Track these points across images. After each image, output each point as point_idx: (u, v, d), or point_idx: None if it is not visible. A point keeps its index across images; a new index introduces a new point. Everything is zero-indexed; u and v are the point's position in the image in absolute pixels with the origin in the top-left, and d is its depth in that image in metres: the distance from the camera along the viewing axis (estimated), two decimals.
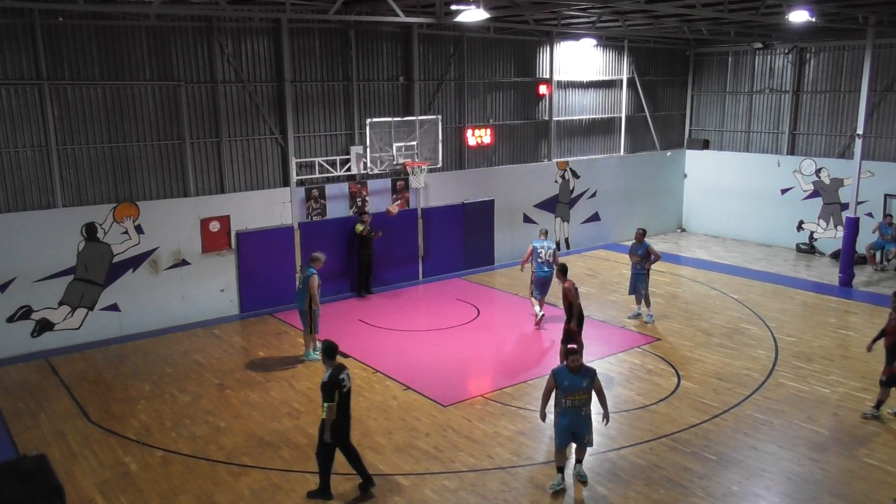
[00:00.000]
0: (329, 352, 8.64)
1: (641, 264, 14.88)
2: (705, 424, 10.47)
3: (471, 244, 19.32)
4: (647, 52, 22.73)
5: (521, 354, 13.43)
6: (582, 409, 8.54)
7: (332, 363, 8.60)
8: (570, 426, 8.59)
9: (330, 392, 8.36)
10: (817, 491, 8.77)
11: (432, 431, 10.31)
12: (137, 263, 14.56)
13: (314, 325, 13.04)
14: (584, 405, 8.54)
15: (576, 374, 8.48)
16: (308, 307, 12.85)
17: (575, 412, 8.53)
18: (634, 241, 15.08)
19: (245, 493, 8.83)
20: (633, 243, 15.10)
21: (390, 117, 16.77)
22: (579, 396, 8.48)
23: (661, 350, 13.45)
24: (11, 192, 13.36)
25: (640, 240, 14.93)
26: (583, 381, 8.49)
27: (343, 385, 8.50)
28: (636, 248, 14.97)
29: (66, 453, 9.83)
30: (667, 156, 23.80)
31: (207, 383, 12.19)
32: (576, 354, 8.57)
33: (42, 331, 13.73)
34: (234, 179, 15.69)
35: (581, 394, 8.48)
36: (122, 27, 13.95)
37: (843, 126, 20.63)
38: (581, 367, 8.55)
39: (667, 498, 8.64)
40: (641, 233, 15.07)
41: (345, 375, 8.57)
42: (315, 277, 12.81)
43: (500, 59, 19.45)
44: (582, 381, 8.48)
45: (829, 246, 20.81)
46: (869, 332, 14.34)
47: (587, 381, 8.51)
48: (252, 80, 15.58)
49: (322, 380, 8.48)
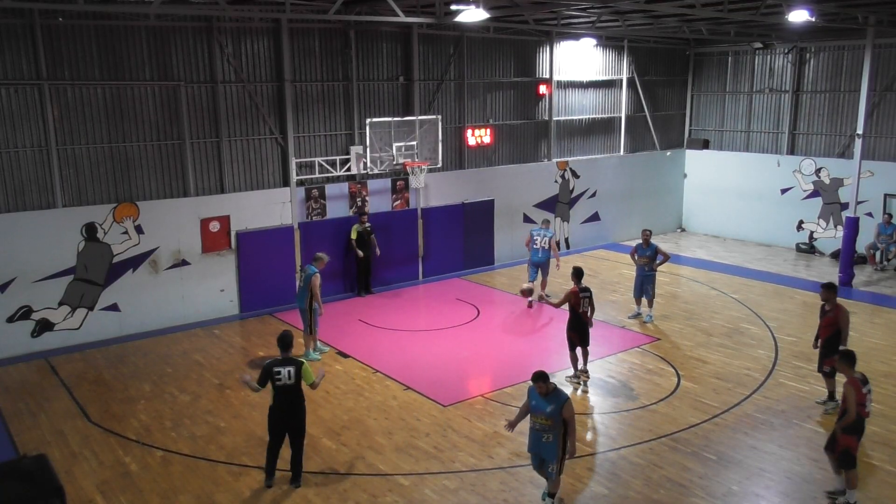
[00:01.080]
0: (280, 342, 8.84)
1: (650, 265, 14.85)
2: (705, 424, 10.47)
3: (471, 244, 19.32)
4: (647, 52, 22.74)
5: (521, 354, 13.42)
6: (543, 435, 8.00)
7: (283, 353, 8.75)
8: (534, 448, 8.21)
9: (261, 379, 8.69)
10: (817, 491, 8.77)
11: (432, 431, 10.31)
12: (137, 263, 14.56)
13: (314, 324, 13.05)
14: (545, 431, 7.97)
15: (543, 397, 7.95)
16: (309, 306, 12.85)
17: (536, 435, 8.08)
18: (641, 242, 15.02)
19: (245, 493, 8.83)
20: (639, 245, 15.04)
21: (390, 117, 16.77)
22: (541, 420, 7.97)
23: (661, 350, 13.45)
24: (11, 192, 13.36)
25: (648, 241, 14.93)
26: (547, 406, 7.90)
27: (277, 377, 8.61)
28: (643, 249, 14.90)
29: (66, 453, 9.83)
30: (667, 156, 23.81)
31: (207, 383, 12.19)
32: (540, 382, 7.94)
33: (42, 331, 13.73)
34: (234, 179, 15.69)
35: (542, 418, 7.94)
36: (122, 27, 13.95)
37: (843, 126, 20.63)
38: (550, 392, 7.95)
39: (667, 498, 8.64)
40: (648, 234, 15.07)
41: (285, 371, 8.61)
42: (317, 276, 12.82)
43: (499, 59, 19.45)
44: (546, 405, 7.91)
45: (829, 246, 20.81)
46: (869, 332, 14.38)
47: (552, 407, 7.88)
48: (252, 80, 15.58)
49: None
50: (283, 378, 8.62)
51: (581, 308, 11.76)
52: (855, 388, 8.20)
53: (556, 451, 8.02)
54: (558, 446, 7.99)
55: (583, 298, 11.77)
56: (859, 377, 8.31)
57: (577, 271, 12.11)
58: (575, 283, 11.91)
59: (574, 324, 11.85)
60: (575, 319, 11.83)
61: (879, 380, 12.01)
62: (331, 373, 12.52)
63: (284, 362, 8.68)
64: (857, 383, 8.24)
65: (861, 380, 8.29)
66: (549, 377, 8.01)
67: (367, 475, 9.19)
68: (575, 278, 12.02)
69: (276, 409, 8.78)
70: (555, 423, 7.89)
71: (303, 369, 8.64)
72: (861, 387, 8.23)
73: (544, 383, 7.90)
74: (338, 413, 10.97)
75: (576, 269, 12.15)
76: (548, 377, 8.00)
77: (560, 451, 8.04)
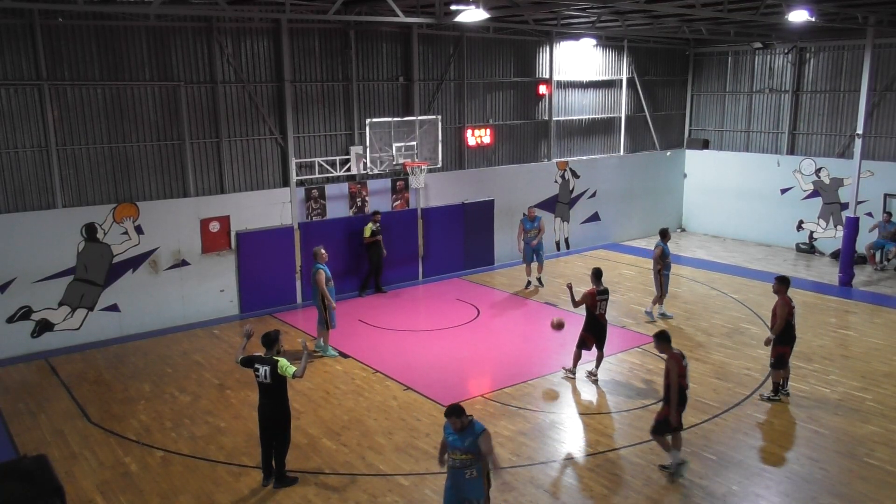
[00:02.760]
0: (263, 339, 8.89)
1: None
2: (705, 424, 10.47)
3: (471, 244, 19.32)
4: (647, 52, 22.74)
5: (521, 354, 13.42)
6: (466, 472, 7.22)
7: (268, 351, 8.80)
8: (455, 487, 7.34)
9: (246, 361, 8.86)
10: (817, 491, 8.77)
11: (432, 431, 10.30)
12: (137, 264, 14.56)
13: (329, 319, 13.03)
14: (467, 466, 7.20)
15: (458, 432, 7.20)
16: (322, 303, 12.87)
17: (457, 473, 7.28)
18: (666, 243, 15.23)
19: (245, 493, 8.83)
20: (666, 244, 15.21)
21: (390, 117, 16.77)
22: (460, 456, 7.20)
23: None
24: (11, 192, 13.36)
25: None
26: (463, 440, 7.15)
27: (256, 373, 8.74)
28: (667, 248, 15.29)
29: (66, 453, 9.83)
30: (667, 156, 23.80)
31: (207, 383, 12.19)
32: (453, 417, 7.15)
33: (42, 331, 13.73)
34: (234, 180, 15.69)
35: (460, 453, 7.18)
36: (122, 27, 13.95)
37: (843, 126, 20.63)
38: (465, 426, 7.20)
39: (667, 498, 8.64)
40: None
41: (262, 369, 8.67)
42: (321, 272, 12.80)
43: (499, 59, 19.45)
44: (462, 440, 7.15)
45: (829, 246, 20.81)
46: (869, 332, 14.39)
47: (468, 441, 7.14)
48: (252, 81, 15.58)
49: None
50: (261, 376, 8.71)
51: (598, 310, 11.77)
52: (676, 361, 8.87)
53: (481, 487, 7.31)
54: (484, 482, 7.32)
55: (600, 301, 11.77)
56: (678, 353, 9.00)
57: (597, 272, 12.12)
58: (594, 284, 11.92)
59: (590, 325, 11.85)
60: (591, 321, 11.84)
61: (879, 380, 12.03)
62: (331, 373, 12.52)
63: (264, 361, 8.73)
64: (677, 358, 8.90)
65: (679, 355, 9.00)
66: (463, 412, 7.21)
67: (367, 475, 9.19)
68: (594, 279, 12.02)
69: (260, 407, 8.91)
70: (476, 456, 7.19)
71: (279, 366, 8.65)
72: (681, 360, 8.93)
73: (458, 418, 7.15)
74: (338, 413, 10.97)
75: (595, 270, 12.17)
76: (462, 412, 7.21)
77: (486, 487, 7.37)
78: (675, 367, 8.84)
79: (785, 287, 11.06)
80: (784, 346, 11.03)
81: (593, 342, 11.92)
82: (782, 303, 10.95)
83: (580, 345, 12.02)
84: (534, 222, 17.38)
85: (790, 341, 11.08)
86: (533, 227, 17.30)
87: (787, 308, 10.89)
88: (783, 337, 10.99)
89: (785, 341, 11.02)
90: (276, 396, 8.76)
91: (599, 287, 11.84)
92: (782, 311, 10.92)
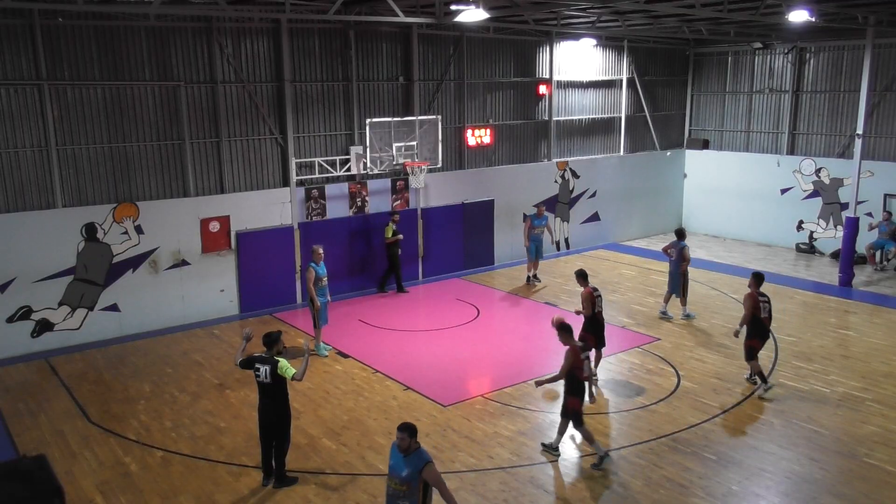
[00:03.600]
0: (264, 339, 8.91)
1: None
2: (705, 424, 10.47)
3: (471, 244, 19.32)
4: (647, 52, 22.74)
5: (521, 354, 13.42)
6: (398, 501, 6.63)
7: (269, 351, 8.83)
8: None
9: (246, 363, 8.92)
10: (817, 491, 8.77)
11: (432, 431, 10.31)
12: (137, 264, 14.56)
13: (316, 318, 13.05)
14: (399, 497, 6.59)
15: (403, 455, 6.60)
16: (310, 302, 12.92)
17: (390, 500, 6.70)
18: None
19: (245, 493, 8.83)
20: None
21: (390, 117, 16.77)
22: (395, 485, 6.59)
23: (661, 350, 13.45)
24: (11, 192, 13.36)
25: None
26: (404, 468, 6.54)
27: (256, 373, 8.76)
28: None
29: (66, 453, 9.83)
30: (667, 156, 23.80)
31: (207, 383, 12.19)
32: (405, 434, 6.59)
33: (42, 331, 13.72)
34: (234, 179, 15.69)
35: (397, 482, 6.57)
36: (121, 27, 13.95)
37: (843, 126, 20.63)
38: (410, 449, 6.59)
39: (667, 498, 8.64)
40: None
41: (262, 369, 8.68)
42: (311, 270, 12.82)
43: (499, 59, 19.45)
44: (403, 468, 6.54)
45: (829, 246, 20.81)
46: (869, 332, 14.39)
47: (408, 471, 6.52)
48: (252, 80, 15.58)
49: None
50: (261, 376, 8.72)
51: (597, 308, 11.77)
52: (574, 354, 9.36)
53: None
54: None
55: (597, 298, 11.78)
56: (580, 346, 9.53)
57: (582, 273, 12.14)
58: (585, 284, 11.93)
59: (589, 324, 11.84)
60: (590, 320, 11.82)
61: (879, 380, 12.03)
62: (331, 373, 12.52)
63: (264, 360, 8.74)
64: (576, 350, 9.42)
65: (581, 348, 9.52)
66: (416, 432, 6.62)
67: (367, 475, 9.19)
68: (582, 281, 12.02)
69: (259, 408, 8.92)
70: (411, 490, 6.53)
71: (279, 367, 8.66)
72: (580, 353, 9.42)
73: (409, 436, 6.56)
74: (338, 413, 10.97)
75: (580, 272, 12.20)
76: (415, 431, 6.62)
77: None
78: (571, 358, 9.31)
79: (757, 282, 11.56)
80: (752, 340, 11.44)
81: (594, 342, 11.91)
82: (749, 296, 11.46)
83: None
84: (542, 220, 17.76)
85: (759, 335, 11.45)
86: (541, 224, 17.67)
87: (751, 301, 11.36)
88: (751, 330, 11.43)
89: (753, 335, 11.43)
90: (276, 396, 8.76)
91: (591, 285, 11.88)
92: (748, 304, 11.44)
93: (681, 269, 14.98)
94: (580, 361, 9.37)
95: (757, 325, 11.39)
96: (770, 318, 11.52)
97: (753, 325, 11.39)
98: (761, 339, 11.49)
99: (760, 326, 11.42)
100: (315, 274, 12.84)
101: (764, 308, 11.39)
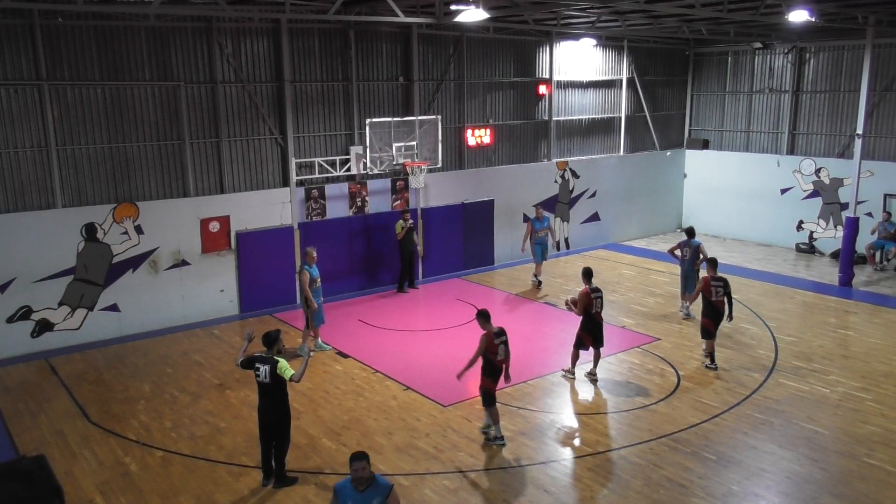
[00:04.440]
0: (264, 339, 8.95)
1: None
2: (705, 424, 10.47)
3: (471, 244, 19.32)
4: (647, 52, 22.74)
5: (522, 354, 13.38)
6: None
7: (268, 351, 8.86)
8: None
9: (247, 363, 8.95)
10: (817, 491, 8.77)
11: (432, 431, 10.31)
12: (137, 264, 14.56)
13: (310, 319, 13.05)
14: None
15: (361, 490, 6.23)
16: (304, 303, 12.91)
17: None
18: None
19: (245, 493, 8.83)
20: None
21: (390, 117, 16.77)
22: None
23: (661, 350, 13.45)
24: (11, 192, 13.36)
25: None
26: (370, 501, 6.22)
27: (256, 373, 8.77)
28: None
29: (66, 453, 9.83)
30: (667, 156, 23.80)
31: (207, 383, 12.19)
32: (360, 462, 6.23)
33: (42, 331, 13.72)
34: (234, 180, 15.69)
35: None
36: (121, 27, 13.95)
37: (843, 126, 20.63)
38: (369, 479, 6.27)
39: (667, 498, 8.64)
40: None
41: (262, 369, 8.69)
42: (305, 272, 12.81)
43: (499, 59, 19.45)
44: (370, 501, 6.22)
45: (829, 246, 20.81)
46: (869, 332, 14.39)
47: (377, 501, 6.21)
48: (252, 81, 15.58)
49: None
50: (261, 376, 8.72)
51: (594, 308, 11.76)
52: (488, 338, 9.69)
53: None
54: None
55: (595, 299, 11.76)
56: (495, 331, 9.76)
57: (587, 272, 12.11)
58: (586, 283, 11.90)
59: (587, 324, 11.83)
60: (588, 320, 11.82)
61: (879, 380, 12.03)
62: (331, 373, 12.52)
63: (264, 360, 8.75)
64: (490, 335, 9.70)
65: (496, 333, 9.76)
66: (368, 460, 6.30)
67: None
68: (585, 279, 12.00)
69: (259, 407, 8.92)
70: None
71: (278, 367, 8.66)
72: (494, 339, 9.71)
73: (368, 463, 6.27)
74: (338, 413, 10.97)
75: (585, 270, 12.17)
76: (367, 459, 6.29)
77: None
78: (485, 342, 9.69)
79: (713, 267, 12.70)
80: (705, 319, 12.43)
81: (590, 342, 11.91)
82: (703, 279, 12.58)
83: (577, 345, 12.02)
84: (543, 222, 17.69)
85: (710, 315, 12.36)
86: (543, 226, 17.65)
87: (702, 283, 12.44)
88: (704, 310, 12.43)
89: (706, 314, 12.41)
90: (275, 396, 8.76)
91: (591, 286, 11.84)
92: (698, 286, 12.66)
93: (695, 267, 15.00)
94: (494, 346, 9.73)
95: (710, 306, 12.34)
96: (725, 302, 12.31)
97: (707, 306, 12.36)
98: (713, 321, 12.37)
99: (712, 308, 12.33)
100: (309, 276, 12.86)
101: (716, 292, 12.28)
